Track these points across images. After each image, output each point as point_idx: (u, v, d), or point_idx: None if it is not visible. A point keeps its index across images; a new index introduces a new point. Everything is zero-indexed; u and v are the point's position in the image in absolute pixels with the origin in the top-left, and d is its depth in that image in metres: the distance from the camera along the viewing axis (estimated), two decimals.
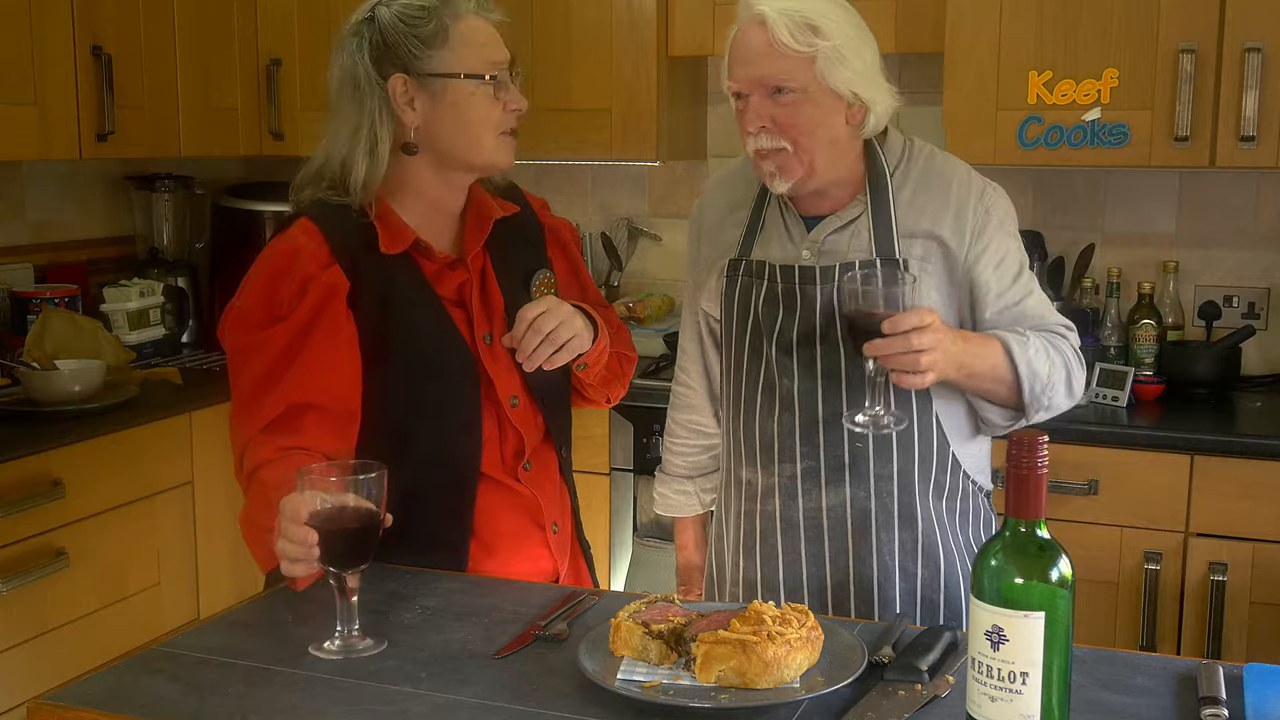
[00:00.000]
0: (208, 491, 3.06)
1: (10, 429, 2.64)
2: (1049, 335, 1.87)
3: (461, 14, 1.77)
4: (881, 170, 1.87)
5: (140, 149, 3.25)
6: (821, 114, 1.79)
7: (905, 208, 1.87)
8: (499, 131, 1.80)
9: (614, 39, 3.24)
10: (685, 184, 3.63)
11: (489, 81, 1.77)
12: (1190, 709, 1.34)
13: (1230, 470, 2.62)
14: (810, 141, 1.79)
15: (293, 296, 1.72)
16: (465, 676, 1.43)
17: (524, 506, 1.86)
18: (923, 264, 1.85)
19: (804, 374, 1.87)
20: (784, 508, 1.91)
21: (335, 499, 1.48)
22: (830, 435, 1.86)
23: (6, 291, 3.19)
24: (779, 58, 1.76)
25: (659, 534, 2.99)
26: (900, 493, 1.87)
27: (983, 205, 1.87)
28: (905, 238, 1.85)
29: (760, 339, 1.90)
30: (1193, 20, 2.76)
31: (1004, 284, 1.87)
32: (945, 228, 1.85)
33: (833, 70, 1.77)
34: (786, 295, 1.88)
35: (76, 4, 2.98)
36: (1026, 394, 1.81)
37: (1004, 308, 1.87)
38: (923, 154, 1.91)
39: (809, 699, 1.33)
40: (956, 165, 1.92)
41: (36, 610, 2.63)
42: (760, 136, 1.80)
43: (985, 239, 1.86)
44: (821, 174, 1.83)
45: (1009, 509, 1.19)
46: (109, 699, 1.38)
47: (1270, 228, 3.14)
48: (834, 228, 1.88)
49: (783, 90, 1.77)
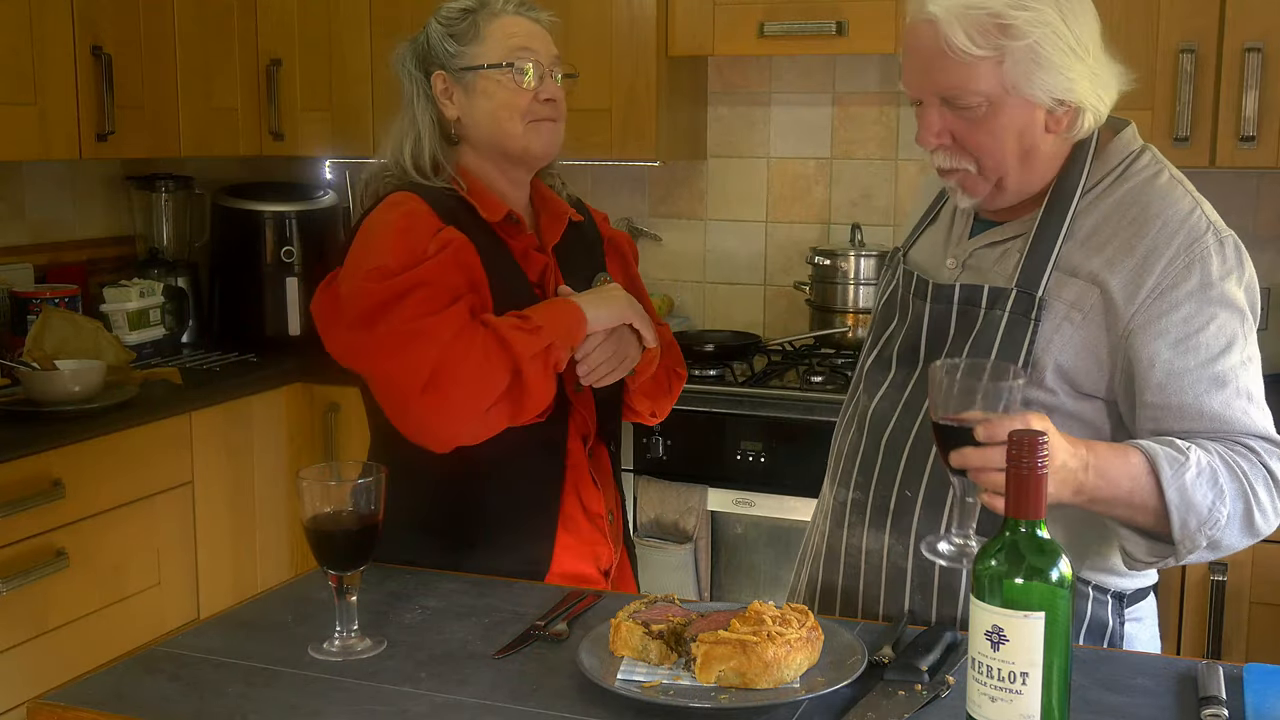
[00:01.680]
0: (208, 491, 3.06)
1: (10, 429, 2.64)
2: (1231, 450, 1.46)
3: (498, 13, 1.87)
4: (1071, 187, 1.56)
5: (140, 149, 3.25)
6: (1013, 124, 1.51)
7: (1082, 240, 1.54)
8: (527, 119, 1.85)
9: (614, 39, 3.24)
10: (685, 184, 3.63)
11: (507, 68, 1.84)
12: (1190, 709, 1.34)
13: None
14: (998, 160, 1.53)
15: (432, 242, 1.74)
16: (465, 676, 1.43)
17: (588, 491, 1.90)
18: (1070, 313, 1.52)
19: (889, 394, 1.64)
20: (831, 534, 1.72)
21: (335, 500, 1.48)
22: (885, 471, 1.62)
23: (6, 291, 3.19)
24: (955, 65, 1.47)
25: (659, 534, 3.00)
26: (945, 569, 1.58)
27: (1186, 258, 1.49)
28: (1064, 273, 1.53)
29: (870, 344, 1.73)
30: (1193, 20, 2.76)
31: (1181, 365, 1.47)
32: (1118, 274, 1.50)
33: (1028, 75, 1.47)
34: (903, 303, 1.68)
35: (76, 4, 2.98)
36: (1176, 530, 1.42)
37: (1171, 399, 1.48)
38: (1142, 174, 1.58)
39: (809, 699, 1.33)
40: (1176, 199, 1.54)
41: (36, 610, 2.63)
42: (938, 154, 1.54)
43: (1169, 301, 1.48)
44: (1015, 190, 1.56)
45: (1009, 509, 1.19)
46: (109, 699, 1.38)
47: (1270, 228, 3.14)
48: (990, 240, 1.62)
49: (964, 105, 1.50)
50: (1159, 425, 1.51)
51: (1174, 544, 1.44)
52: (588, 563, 1.89)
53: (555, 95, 1.88)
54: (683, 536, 2.99)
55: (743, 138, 3.55)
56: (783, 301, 3.56)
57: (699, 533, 2.97)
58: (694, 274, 3.66)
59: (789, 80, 3.47)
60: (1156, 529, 1.45)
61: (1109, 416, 1.58)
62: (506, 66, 1.84)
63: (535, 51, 1.86)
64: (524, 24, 1.88)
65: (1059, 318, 1.53)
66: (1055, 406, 1.55)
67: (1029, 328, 1.54)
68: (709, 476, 2.97)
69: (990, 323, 1.57)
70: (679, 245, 3.65)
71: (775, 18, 3.08)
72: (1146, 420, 1.51)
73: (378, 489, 1.49)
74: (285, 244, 3.55)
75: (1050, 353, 1.53)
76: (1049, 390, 1.55)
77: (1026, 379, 1.37)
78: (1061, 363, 1.53)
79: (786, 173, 3.53)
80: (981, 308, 1.59)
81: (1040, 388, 1.55)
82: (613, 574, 1.95)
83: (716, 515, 2.98)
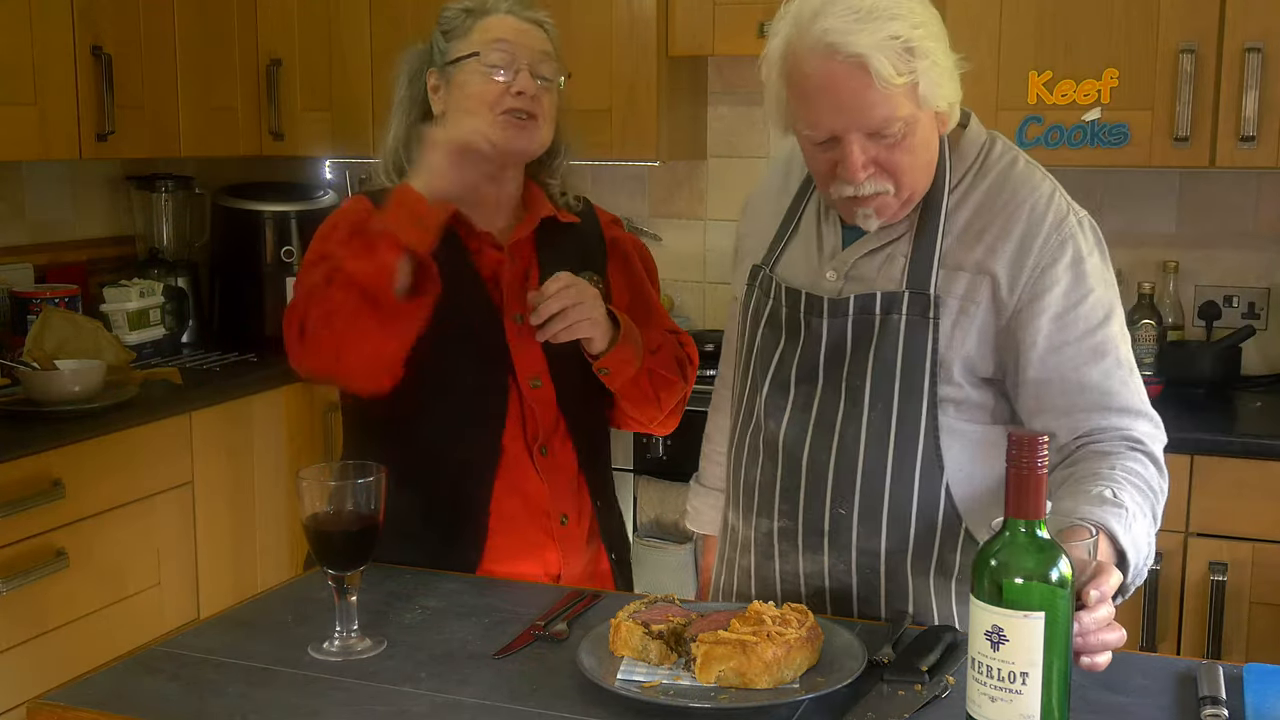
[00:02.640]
0: (208, 491, 3.06)
1: (10, 429, 2.64)
2: (1129, 466, 1.49)
3: (490, 11, 1.89)
4: (940, 185, 1.59)
5: (140, 149, 3.25)
6: (924, 138, 1.53)
7: (959, 234, 1.58)
8: (496, 110, 1.83)
9: (614, 39, 3.24)
10: (685, 184, 3.63)
11: (476, 58, 1.84)
12: (1190, 709, 1.34)
13: (1230, 470, 2.62)
14: (914, 175, 1.54)
15: (347, 231, 1.76)
16: (465, 676, 1.43)
17: (533, 491, 1.88)
18: (965, 305, 1.55)
19: (795, 417, 1.63)
20: (759, 566, 1.69)
21: (335, 500, 1.48)
22: (811, 495, 1.61)
23: (6, 291, 3.19)
24: (882, 99, 1.46)
25: (659, 534, 3.00)
26: (889, 573, 1.60)
27: (1058, 236, 1.55)
28: (950, 269, 1.56)
29: (760, 368, 1.69)
30: (1193, 20, 2.75)
31: (1061, 339, 1.53)
32: (1002, 261, 1.55)
33: (934, 89, 1.49)
34: (790, 322, 1.65)
35: (76, 4, 2.98)
36: (1131, 574, 1.42)
37: (1053, 373, 1.53)
38: (1000, 163, 1.61)
39: (809, 699, 1.33)
40: (1037, 183, 1.60)
41: (36, 610, 2.63)
42: (864, 185, 1.52)
43: (1049, 279, 1.54)
44: (918, 198, 1.58)
45: (1009, 509, 1.19)
46: (109, 699, 1.38)
47: (1270, 228, 3.14)
48: (869, 248, 1.62)
49: (888, 133, 1.50)
50: (1041, 402, 1.55)
51: (1128, 584, 1.42)
52: (531, 565, 1.87)
53: (527, 89, 1.84)
54: (683, 536, 2.99)
55: (743, 138, 3.55)
56: None
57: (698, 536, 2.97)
58: (694, 274, 3.66)
59: None
60: None
61: (1006, 398, 1.61)
62: (473, 56, 1.84)
63: (513, 45, 1.85)
64: (512, 22, 1.88)
65: (954, 313, 1.56)
66: (963, 399, 1.59)
67: (929, 328, 1.56)
68: None
69: (889, 328, 1.58)
70: (679, 245, 3.64)
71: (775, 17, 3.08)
72: (1029, 397, 1.55)
73: (378, 489, 1.49)
74: (285, 244, 3.55)
75: (953, 348, 1.56)
76: (956, 385, 1.58)
77: (1094, 536, 1.31)
78: (965, 355, 1.56)
79: None
80: (877, 315, 1.59)
81: (949, 384, 1.57)
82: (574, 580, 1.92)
83: None
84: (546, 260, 1.92)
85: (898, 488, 1.59)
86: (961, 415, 1.59)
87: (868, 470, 1.59)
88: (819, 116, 1.51)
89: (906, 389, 1.57)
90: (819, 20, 1.47)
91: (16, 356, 2.88)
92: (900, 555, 1.60)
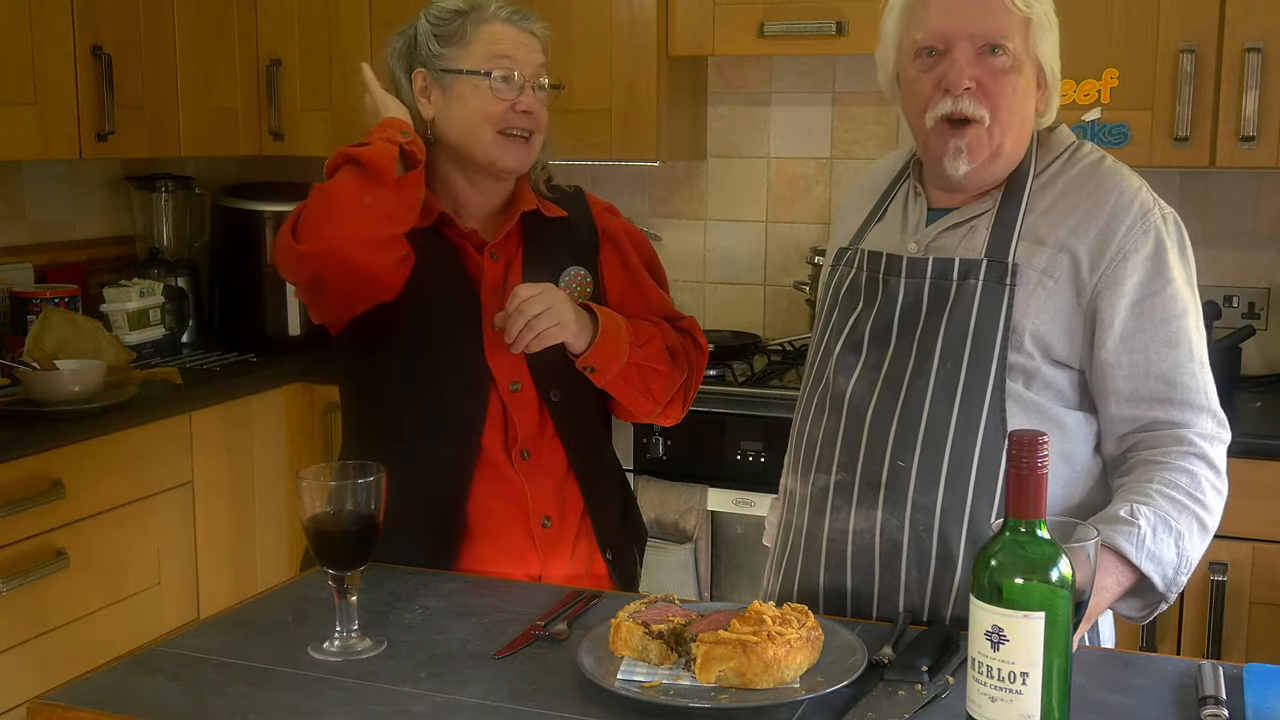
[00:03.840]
0: (208, 491, 3.06)
1: (10, 429, 2.64)
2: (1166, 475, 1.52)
3: (487, 19, 1.87)
4: (1025, 170, 1.63)
5: (140, 149, 3.25)
6: (1027, 86, 1.58)
7: (1043, 212, 1.61)
8: (498, 129, 1.84)
9: (614, 39, 3.24)
10: (685, 184, 3.63)
11: (486, 76, 1.83)
12: (1190, 709, 1.34)
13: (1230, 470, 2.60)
14: (1010, 117, 1.58)
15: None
16: (465, 676, 1.43)
17: (513, 493, 1.88)
18: (1042, 279, 1.57)
19: (864, 375, 1.64)
20: (811, 524, 1.68)
21: (335, 500, 1.49)
22: (873, 447, 1.61)
23: (6, 291, 3.19)
24: (1002, 12, 1.55)
25: (659, 534, 2.99)
26: (941, 530, 1.58)
27: (1143, 225, 1.57)
28: (1031, 243, 1.59)
29: (835, 332, 1.71)
30: (1193, 20, 2.75)
31: (1136, 324, 1.56)
32: (1084, 242, 1.57)
33: (1043, 39, 1.57)
34: (869, 285, 1.67)
35: (76, 4, 2.98)
36: (1162, 587, 1.49)
37: (1124, 356, 1.56)
38: (1087, 159, 1.66)
39: (809, 699, 1.33)
40: (1125, 176, 1.64)
41: (36, 610, 2.63)
42: (964, 99, 1.55)
43: (1131, 265, 1.56)
44: (1006, 160, 1.61)
45: (1009, 509, 1.19)
46: (109, 699, 1.38)
47: (1270, 228, 3.14)
48: (953, 223, 1.65)
49: (997, 51, 1.55)
50: (1108, 384, 1.58)
51: (1163, 596, 1.51)
52: (509, 568, 1.87)
53: (532, 108, 1.86)
54: (683, 536, 2.99)
55: (743, 138, 3.55)
56: (783, 301, 3.56)
57: (699, 533, 2.97)
58: (694, 274, 3.66)
59: (789, 80, 3.47)
60: (1141, 589, 1.51)
61: (1077, 387, 1.62)
62: (485, 75, 1.84)
63: (517, 61, 1.85)
64: (511, 32, 1.87)
65: (1032, 284, 1.58)
66: (1033, 371, 1.59)
67: (1005, 294, 1.58)
68: (709, 476, 2.97)
69: (965, 292, 1.60)
70: (679, 245, 3.64)
71: (775, 18, 3.08)
72: (1098, 380, 1.58)
73: (378, 489, 1.49)
74: None
75: (1028, 317, 1.57)
76: (1027, 354, 1.59)
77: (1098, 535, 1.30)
78: (1037, 328, 1.57)
79: (786, 172, 3.52)
80: (954, 280, 1.61)
81: (1019, 352, 1.59)
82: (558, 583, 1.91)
83: (716, 515, 2.98)
84: (531, 257, 1.92)
85: (960, 445, 1.58)
86: (1031, 388, 1.59)
87: (931, 424, 1.59)
88: (935, 18, 1.57)
89: (977, 351, 1.59)
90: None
91: (16, 356, 2.88)
92: (956, 514, 1.58)
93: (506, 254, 1.92)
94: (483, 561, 1.87)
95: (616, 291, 2.00)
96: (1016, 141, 1.61)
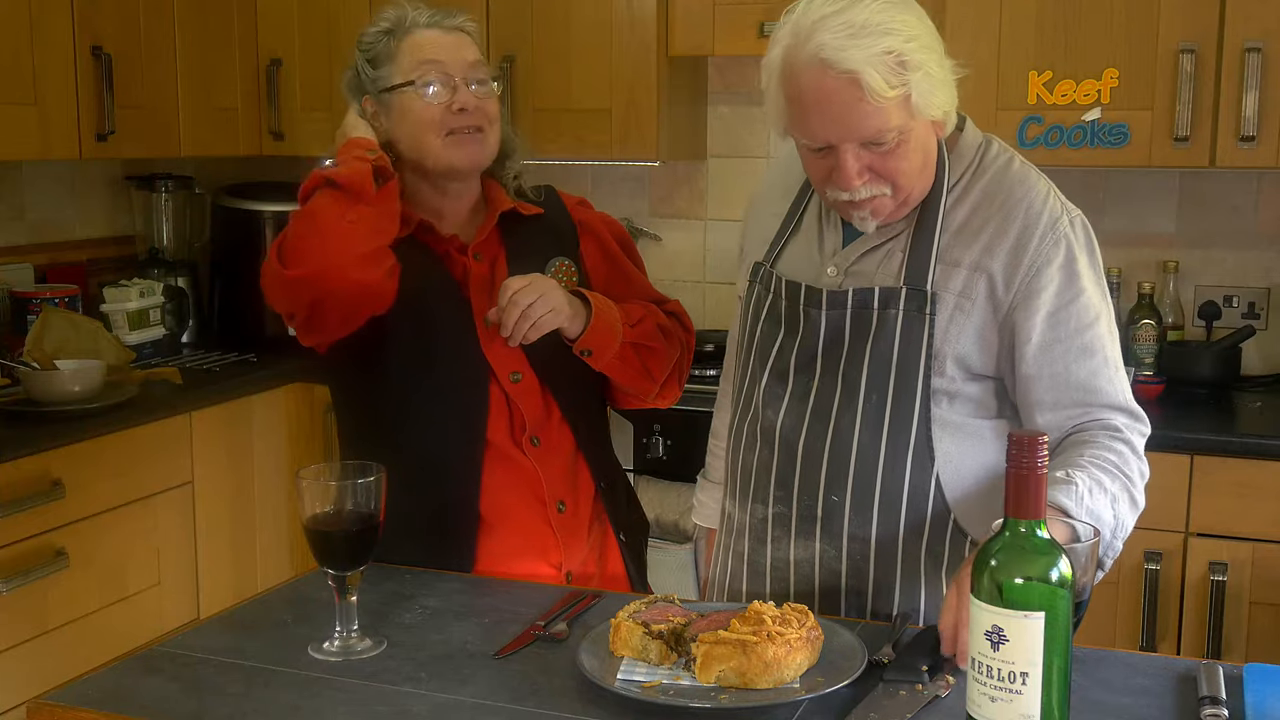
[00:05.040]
0: (208, 491, 3.06)
1: (10, 429, 2.64)
2: (1098, 450, 1.55)
3: (409, 29, 1.89)
4: (939, 186, 1.63)
5: (140, 149, 3.26)
6: (919, 144, 1.57)
7: (956, 231, 1.62)
8: (444, 132, 1.86)
9: (614, 39, 3.24)
10: (685, 184, 3.63)
11: (410, 85, 1.86)
12: (1190, 709, 1.34)
13: (1230, 470, 2.62)
14: (910, 179, 1.58)
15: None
16: (465, 676, 1.43)
17: (526, 480, 1.89)
18: (960, 301, 1.59)
19: (792, 406, 1.67)
20: (752, 552, 1.73)
21: (335, 500, 1.49)
22: (806, 481, 1.65)
23: (6, 291, 3.19)
24: (875, 111, 1.50)
25: (659, 534, 2.99)
26: (878, 561, 1.63)
27: (1053, 236, 1.59)
28: (948, 265, 1.60)
29: (760, 358, 1.73)
30: (1193, 20, 2.76)
31: (1052, 336, 1.58)
32: (998, 260, 1.59)
33: (928, 99, 1.52)
34: (789, 314, 1.69)
35: (76, 4, 2.98)
36: (1101, 548, 1.48)
37: (1044, 369, 1.58)
38: (995, 164, 1.65)
39: (809, 699, 1.33)
40: (1033, 182, 1.64)
41: (36, 610, 2.63)
42: (860, 190, 1.56)
43: (1045, 277, 1.58)
44: (916, 198, 1.62)
45: (1009, 509, 1.19)
46: (109, 699, 1.38)
47: (1270, 228, 3.14)
48: (869, 246, 1.65)
49: (881, 142, 1.53)
50: (1031, 396, 1.61)
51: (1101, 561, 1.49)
52: (530, 558, 1.88)
53: (469, 104, 1.86)
54: (683, 536, 2.99)
55: (743, 138, 3.55)
56: None
57: (699, 533, 2.96)
58: (694, 274, 3.66)
59: None
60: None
61: (996, 394, 1.66)
62: (409, 85, 1.86)
63: (443, 64, 1.86)
64: (434, 35, 1.88)
65: (950, 308, 1.60)
66: (955, 392, 1.63)
67: (925, 323, 1.60)
68: None
69: (886, 323, 1.62)
70: (679, 245, 3.64)
71: (775, 18, 3.02)
72: (1022, 392, 1.61)
73: (378, 489, 1.49)
74: None
75: (948, 343, 1.60)
76: (949, 378, 1.62)
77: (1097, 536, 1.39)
78: (958, 351, 1.60)
79: None
80: (874, 309, 1.63)
81: (942, 376, 1.61)
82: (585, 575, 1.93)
83: None
84: (514, 254, 1.93)
85: (890, 476, 1.62)
86: (954, 408, 1.63)
87: (861, 458, 1.63)
88: (814, 127, 1.55)
89: (901, 381, 1.61)
90: (815, 35, 1.51)
91: (16, 356, 2.88)
92: (890, 543, 1.63)
93: (489, 254, 1.93)
94: (502, 555, 1.87)
95: (600, 280, 2.02)
96: (923, 181, 1.61)
